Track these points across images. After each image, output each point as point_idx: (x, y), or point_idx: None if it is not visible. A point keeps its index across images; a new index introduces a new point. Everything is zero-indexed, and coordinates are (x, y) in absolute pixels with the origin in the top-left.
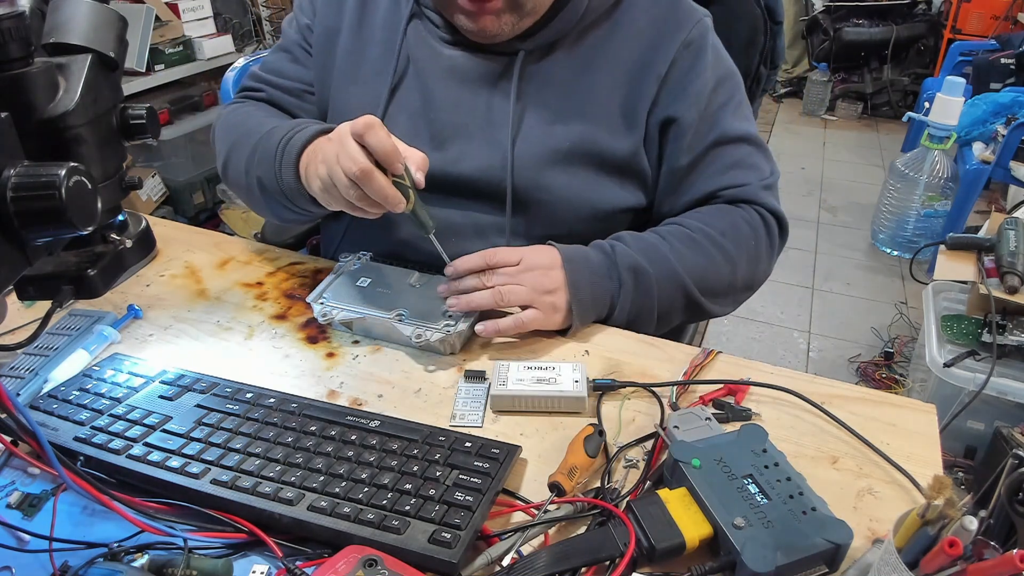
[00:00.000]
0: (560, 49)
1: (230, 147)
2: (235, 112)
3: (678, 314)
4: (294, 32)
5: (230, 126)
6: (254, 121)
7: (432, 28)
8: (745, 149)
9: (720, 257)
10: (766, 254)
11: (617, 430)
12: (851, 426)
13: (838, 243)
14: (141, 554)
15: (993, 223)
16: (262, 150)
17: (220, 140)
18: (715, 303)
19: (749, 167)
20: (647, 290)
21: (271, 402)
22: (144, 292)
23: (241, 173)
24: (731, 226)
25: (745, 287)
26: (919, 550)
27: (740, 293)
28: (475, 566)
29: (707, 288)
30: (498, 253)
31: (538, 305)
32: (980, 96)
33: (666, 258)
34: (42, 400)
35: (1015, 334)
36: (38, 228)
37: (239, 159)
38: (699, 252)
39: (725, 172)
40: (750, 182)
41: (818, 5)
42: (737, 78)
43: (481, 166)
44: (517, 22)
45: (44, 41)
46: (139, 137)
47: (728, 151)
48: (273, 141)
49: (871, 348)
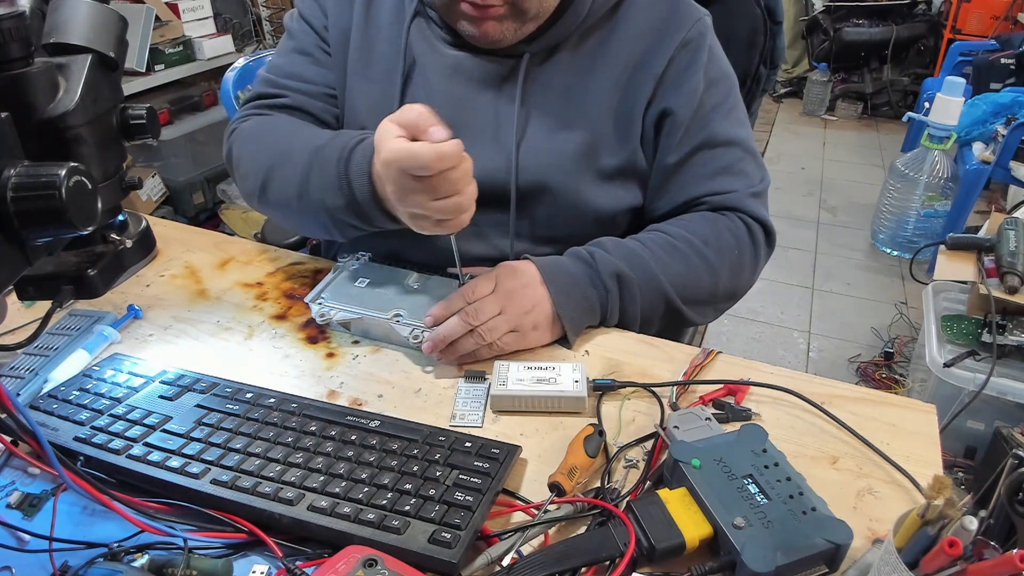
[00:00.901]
0: (563, 52)
1: (269, 168)
2: (261, 125)
3: (658, 321)
4: (310, 34)
5: (260, 142)
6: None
7: (435, 29)
8: (735, 153)
9: (702, 266)
10: (750, 264)
11: (617, 430)
12: (851, 426)
13: (838, 243)
14: (141, 554)
15: (993, 223)
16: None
17: (250, 158)
18: (695, 311)
19: (737, 173)
20: (631, 296)
21: (271, 402)
22: (144, 292)
23: (291, 196)
24: (714, 235)
25: (727, 296)
26: (919, 550)
27: (722, 302)
28: (475, 566)
29: (688, 296)
30: (474, 290)
31: (519, 327)
32: (980, 96)
33: (647, 265)
34: (42, 400)
35: (1015, 334)
36: (38, 228)
37: (286, 179)
38: (680, 260)
39: (713, 177)
40: (737, 189)
41: (818, 5)
42: (732, 81)
43: (485, 168)
44: (519, 28)
45: (44, 41)
46: (139, 137)
47: (717, 155)
48: (333, 156)
49: (871, 348)
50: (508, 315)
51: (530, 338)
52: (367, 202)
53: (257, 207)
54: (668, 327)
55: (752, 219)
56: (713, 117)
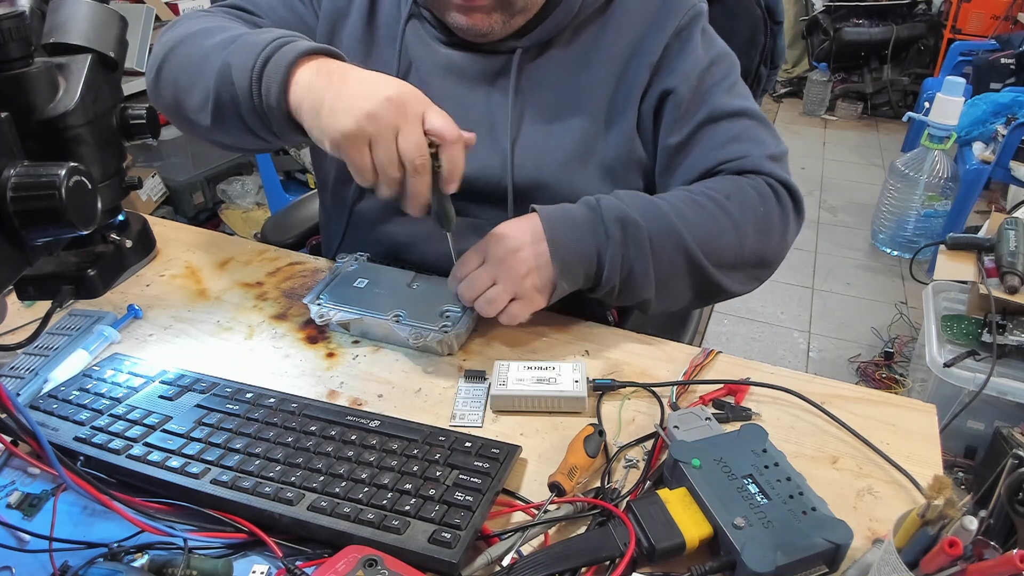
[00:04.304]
0: (556, 47)
1: (178, 41)
2: (203, 17)
3: (681, 280)
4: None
5: (188, 27)
6: (224, 26)
7: (429, 28)
8: (744, 123)
9: (725, 220)
10: (779, 226)
11: (617, 430)
12: (851, 426)
13: (838, 243)
14: (141, 554)
15: (993, 223)
16: (235, 50)
17: (166, 39)
18: (725, 275)
19: (750, 140)
20: (639, 243)
21: (271, 402)
22: (144, 292)
23: (188, 74)
24: (737, 191)
25: (757, 260)
26: (919, 550)
27: (752, 268)
28: (475, 566)
29: (713, 254)
30: (463, 266)
31: (521, 294)
32: (980, 96)
33: (664, 215)
34: (42, 400)
35: (1015, 334)
36: (38, 228)
37: (187, 58)
38: (703, 214)
39: (724, 147)
40: (751, 153)
41: (818, 5)
42: (731, 59)
43: (481, 165)
44: (508, 20)
45: (44, 41)
46: (139, 137)
47: (724, 127)
48: (257, 44)
49: (871, 348)
50: (504, 284)
51: (538, 301)
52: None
53: (153, 92)
54: (700, 295)
55: (775, 180)
56: (715, 92)
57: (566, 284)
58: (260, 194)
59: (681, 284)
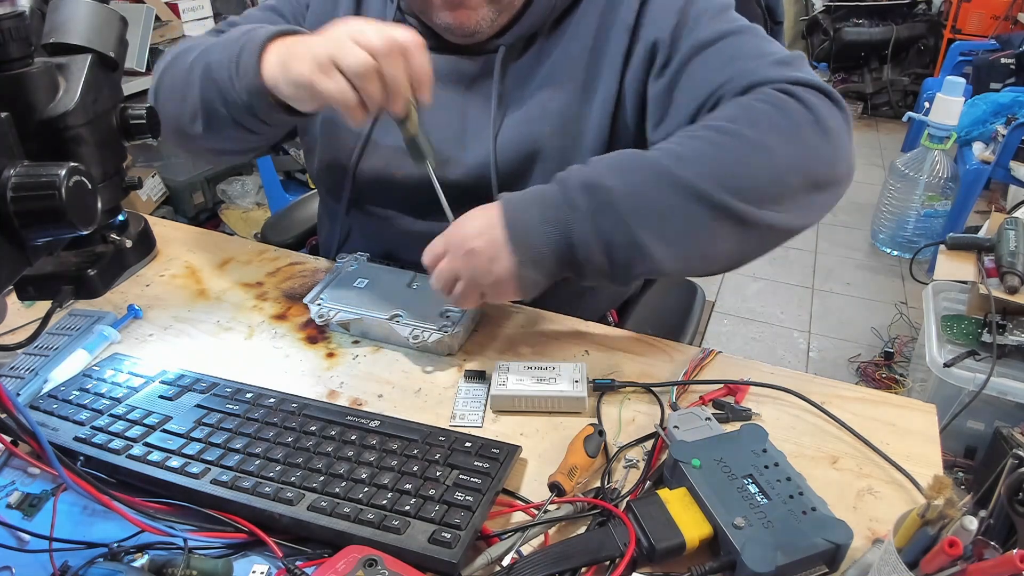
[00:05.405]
0: (538, 42)
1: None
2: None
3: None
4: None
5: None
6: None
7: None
8: (738, 40)
9: (738, 145)
10: (815, 131)
11: (617, 430)
12: (851, 426)
13: (838, 243)
14: (141, 554)
15: (993, 223)
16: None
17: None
18: (767, 209)
19: (749, 55)
20: (612, 208)
21: (271, 402)
22: (144, 292)
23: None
24: (741, 109)
25: (806, 181)
26: (919, 550)
27: (805, 192)
28: (475, 566)
29: (736, 188)
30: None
31: (484, 289)
32: (980, 96)
33: (651, 163)
34: (42, 400)
35: (1015, 334)
36: (38, 228)
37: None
38: (702, 146)
39: (718, 71)
40: (752, 67)
41: (818, 5)
42: None
43: (467, 168)
44: (495, 18)
45: (44, 41)
46: (139, 137)
47: (715, 50)
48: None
49: (871, 348)
50: (465, 280)
51: (506, 294)
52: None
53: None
54: (744, 241)
55: (789, 84)
56: (700, 21)
57: (532, 272)
58: (260, 194)
59: (705, 235)
